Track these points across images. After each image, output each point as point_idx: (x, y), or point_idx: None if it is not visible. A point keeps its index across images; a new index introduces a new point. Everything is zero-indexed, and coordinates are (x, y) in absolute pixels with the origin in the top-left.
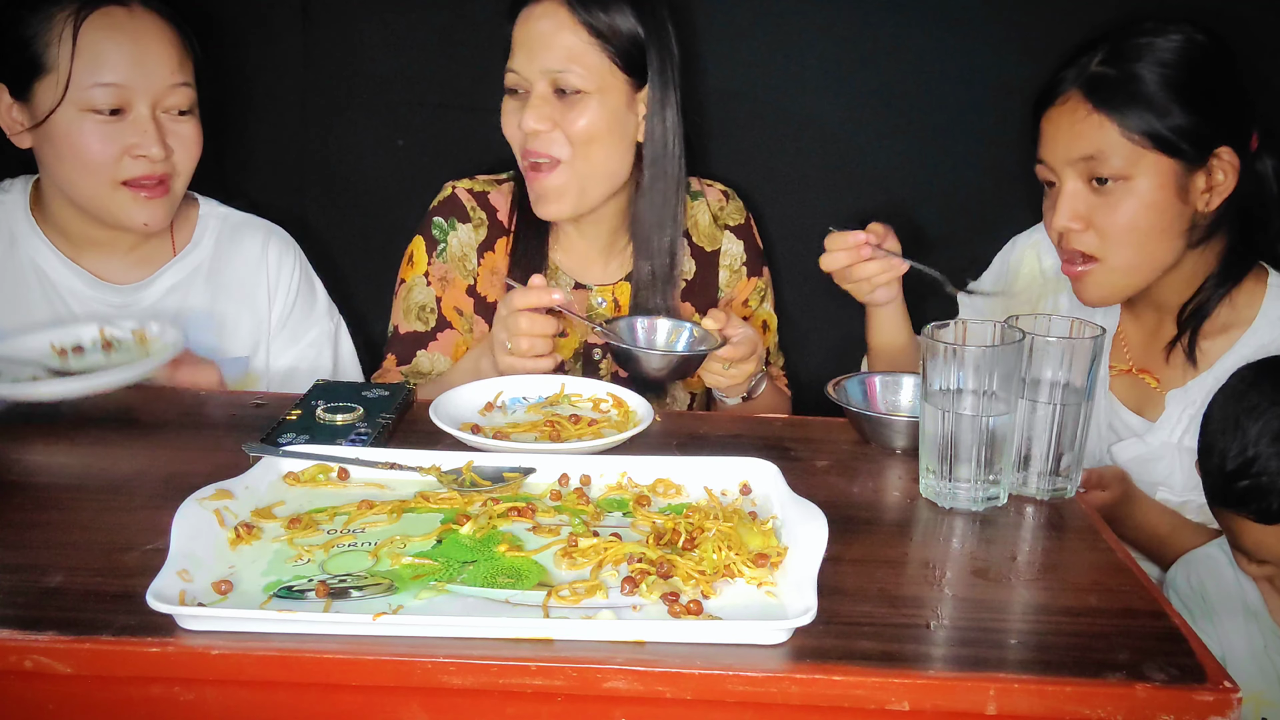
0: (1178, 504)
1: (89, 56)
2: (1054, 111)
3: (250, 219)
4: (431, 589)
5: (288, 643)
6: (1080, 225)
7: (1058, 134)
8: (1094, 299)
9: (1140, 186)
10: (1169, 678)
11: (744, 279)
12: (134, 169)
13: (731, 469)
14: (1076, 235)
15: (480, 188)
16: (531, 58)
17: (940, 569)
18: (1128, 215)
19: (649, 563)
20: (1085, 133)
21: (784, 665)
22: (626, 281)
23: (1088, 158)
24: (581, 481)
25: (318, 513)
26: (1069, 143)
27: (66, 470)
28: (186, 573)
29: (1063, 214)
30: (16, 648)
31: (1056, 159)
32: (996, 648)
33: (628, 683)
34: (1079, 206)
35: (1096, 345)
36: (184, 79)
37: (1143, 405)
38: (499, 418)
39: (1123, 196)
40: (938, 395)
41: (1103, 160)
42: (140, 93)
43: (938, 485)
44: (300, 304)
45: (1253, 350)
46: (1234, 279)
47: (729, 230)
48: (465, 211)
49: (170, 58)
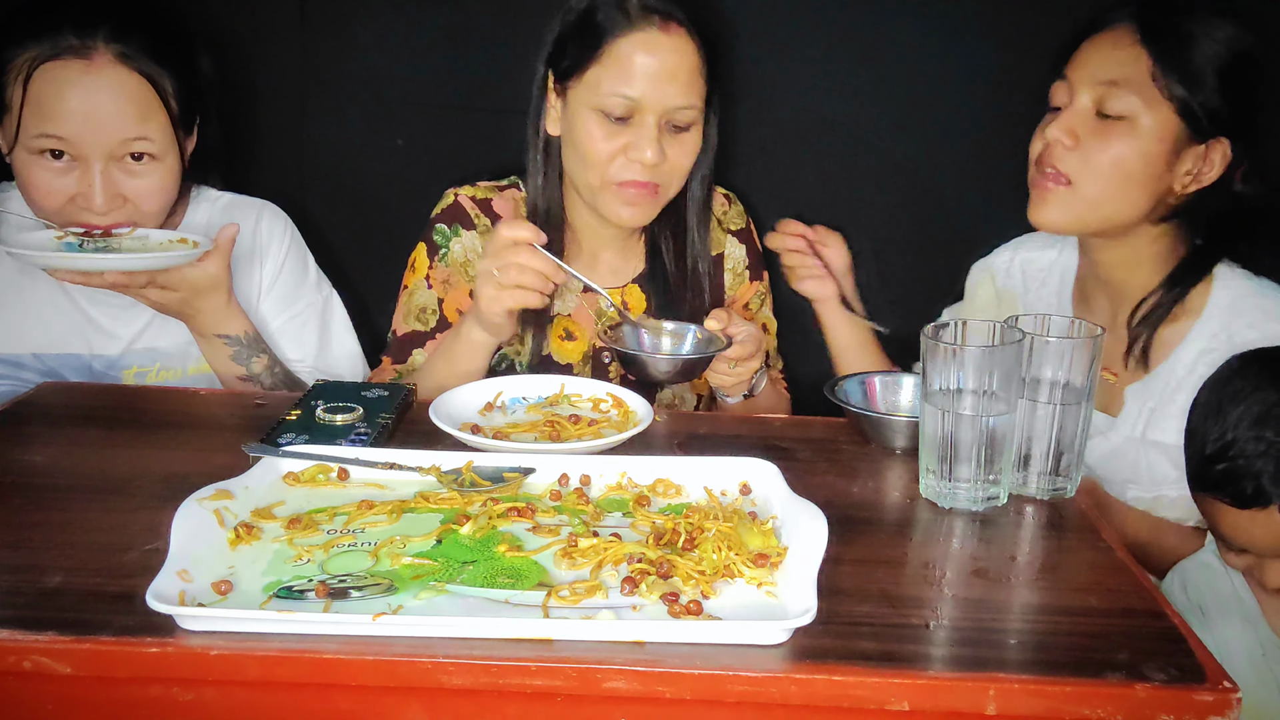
0: (1149, 500)
1: (36, 106)
2: (1100, 37)
3: (243, 199)
4: (431, 589)
5: (287, 643)
6: (1071, 143)
7: (1095, 54)
8: (1049, 220)
9: (1141, 130)
10: (1169, 678)
11: (745, 282)
12: (82, 216)
13: (731, 469)
14: (1062, 152)
15: (483, 194)
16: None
17: (940, 569)
18: (1118, 152)
19: (649, 563)
20: (1121, 59)
21: (784, 665)
22: (636, 284)
23: (1111, 81)
24: (581, 482)
25: (317, 513)
26: (1101, 63)
27: (66, 470)
28: (186, 573)
29: (1061, 125)
30: (16, 648)
31: (1080, 76)
32: (996, 648)
33: (628, 683)
34: (1079, 125)
35: (1096, 345)
36: (142, 133)
37: (1104, 402)
38: (499, 418)
39: (1122, 133)
40: (938, 395)
41: (1124, 88)
42: (89, 146)
43: (938, 485)
44: (289, 271)
45: (1204, 339)
46: (1190, 283)
47: (731, 234)
48: (469, 218)
49: (127, 113)
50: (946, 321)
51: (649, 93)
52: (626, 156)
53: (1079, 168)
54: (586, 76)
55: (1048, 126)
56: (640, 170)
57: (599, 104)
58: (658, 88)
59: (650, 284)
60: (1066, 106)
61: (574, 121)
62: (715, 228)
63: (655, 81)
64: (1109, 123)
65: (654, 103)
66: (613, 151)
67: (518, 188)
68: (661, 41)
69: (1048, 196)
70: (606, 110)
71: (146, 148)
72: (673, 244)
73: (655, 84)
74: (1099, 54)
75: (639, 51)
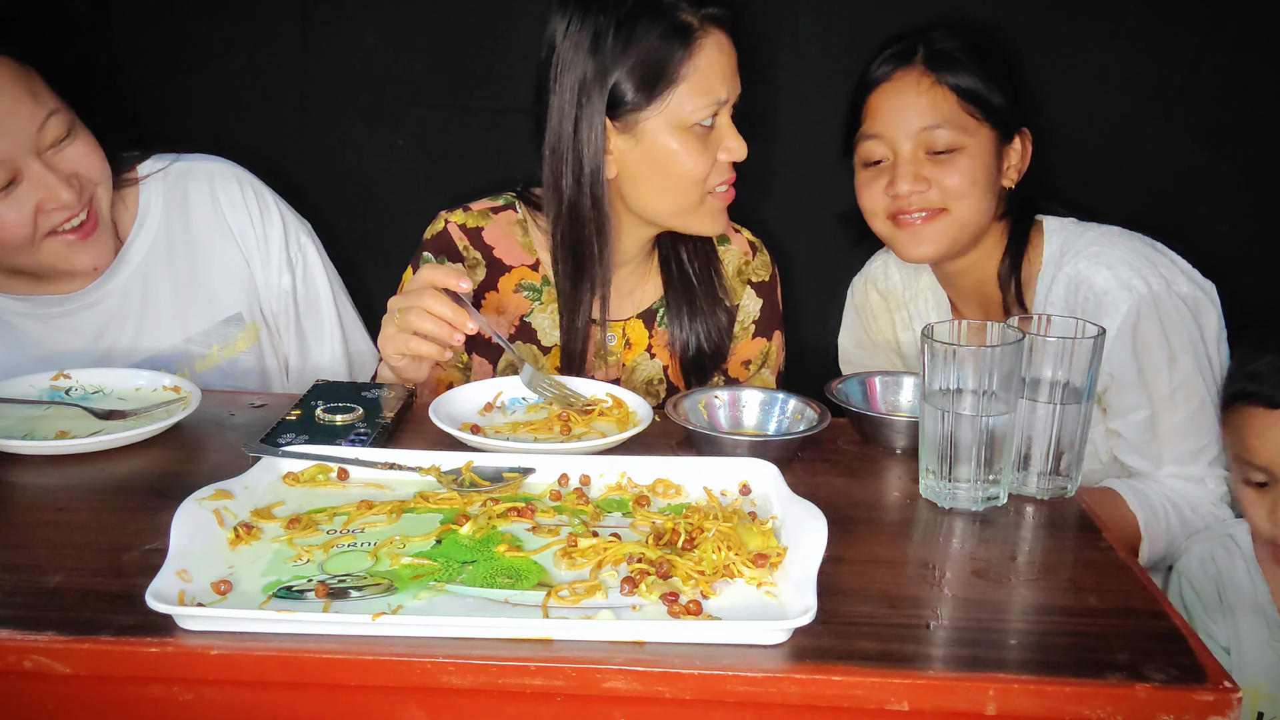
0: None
1: None
2: (890, 86)
3: (189, 166)
4: (431, 589)
5: (287, 643)
6: (923, 187)
7: (898, 105)
8: (929, 251)
9: (972, 151)
10: (1169, 678)
11: (749, 339)
12: (54, 220)
13: (731, 469)
14: (920, 196)
15: (474, 222)
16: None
17: (940, 569)
18: (966, 172)
19: (648, 563)
20: (929, 104)
21: (783, 665)
22: (640, 319)
23: (929, 127)
24: (581, 481)
25: (317, 513)
26: (911, 114)
27: (66, 470)
28: (186, 573)
29: (905, 179)
30: (16, 648)
31: (896, 131)
32: (996, 648)
33: (627, 683)
34: (921, 171)
35: (1096, 345)
36: (48, 109)
37: None
38: (499, 418)
39: (958, 159)
40: (937, 395)
41: (944, 129)
42: (18, 154)
43: (938, 485)
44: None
45: (1048, 280)
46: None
47: (751, 286)
48: (456, 250)
49: (24, 103)
50: (947, 321)
51: (730, 91)
52: (717, 161)
53: (943, 199)
54: (669, 101)
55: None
56: (729, 168)
57: (690, 119)
58: (731, 83)
59: (672, 299)
60: (889, 160)
61: (658, 149)
62: (733, 277)
63: (729, 79)
64: (940, 160)
65: (731, 98)
66: (709, 163)
67: (514, 208)
68: (723, 41)
69: (922, 232)
70: (699, 122)
71: (60, 122)
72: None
73: (730, 81)
74: (902, 104)
75: (715, 55)
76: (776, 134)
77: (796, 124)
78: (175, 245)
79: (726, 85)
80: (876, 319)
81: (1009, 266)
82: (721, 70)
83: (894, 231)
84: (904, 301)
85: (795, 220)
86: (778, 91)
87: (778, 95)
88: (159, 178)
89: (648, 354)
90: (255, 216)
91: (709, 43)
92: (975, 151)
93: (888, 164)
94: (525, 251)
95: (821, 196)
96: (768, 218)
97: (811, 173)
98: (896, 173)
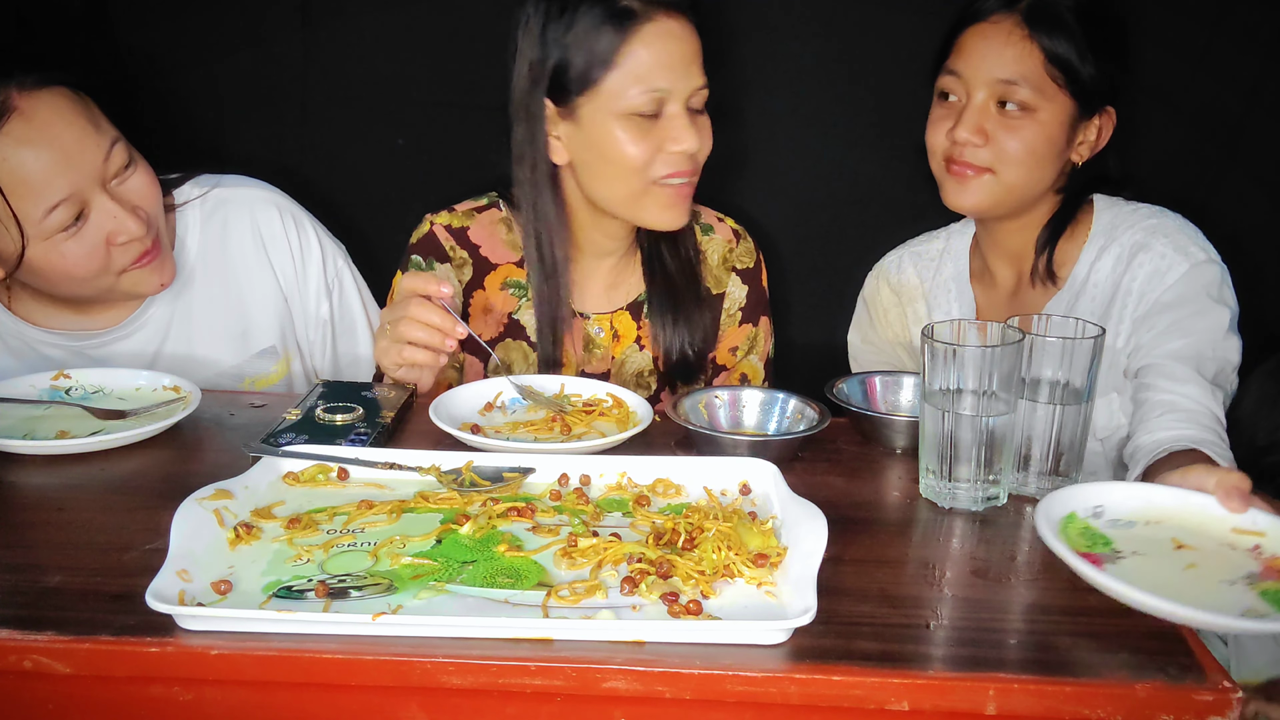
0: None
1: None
2: (984, 27)
3: (229, 194)
4: (431, 589)
5: (287, 643)
6: (981, 140)
7: (985, 49)
8: (970, 204)
9: (1043, 118)
10: (1168, 678)
11: (735, 325)
12: (128, 254)
13: (731, 469)
14: (973, 149)
15: (459, 222)
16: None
17: (940, 569)
18: (1028, 139)
19: (648, 563)
20: (1014, 56)
21: (783, 665)
22: (627, 311)
23: (1008, 81)
24: (581, 481)
25: (317, 513)
26: (994, 61)
27: (66, 470)
28: (186, 573)
29: (967, 125)
30: (16, 648)
31: (975, 74)
32: (996, 648)
33: (627, 683)
34: (984, 122)
35: (1096, 345)
36: (110, 137)
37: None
38: (499, 417)
39: (1026, 123)
40: (937, 395)
41: (1021, 86)
42: (87, 188)
43: (937, 485)
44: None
45: (1094, 250)
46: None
47: (736, 273)
48: (444, 251)
49: (90, 134)
50: (947, 321)
51: (675, 80)
52: (664, 151)
53: (993, 159)
54: (604, 87)
55: (954, 127)
56: (681, 160)
57: (627, 108)
58: (679, 73)
59: (655, 301)
60: (962, 101)
61: (597, 136)
62: (719, 265)
63: (675, 68)
64: (1012, 115)
65: (680, 89)
66: (650, 152)
67: (498, 206)
68: (673, 28)
69: (969, 184)
70: (637, 111)
71: (122, 153)
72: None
73: (676, 71)
74: (988, 49)
75: (656, 43)
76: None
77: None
78: (211, 276)
79: (672, 75)
80: (887, 314)
81: (1048, 236)
82: (668, 59)
83: (945, 175)
84: (923, 294)
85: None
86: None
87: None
88: (196, 205)
89: (636, 345)
90: (295, 248)
91: (652, 29)
92: (1045, 119)
93: (958, 105)
94: (510, 249)
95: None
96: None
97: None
98: (962, 117)
